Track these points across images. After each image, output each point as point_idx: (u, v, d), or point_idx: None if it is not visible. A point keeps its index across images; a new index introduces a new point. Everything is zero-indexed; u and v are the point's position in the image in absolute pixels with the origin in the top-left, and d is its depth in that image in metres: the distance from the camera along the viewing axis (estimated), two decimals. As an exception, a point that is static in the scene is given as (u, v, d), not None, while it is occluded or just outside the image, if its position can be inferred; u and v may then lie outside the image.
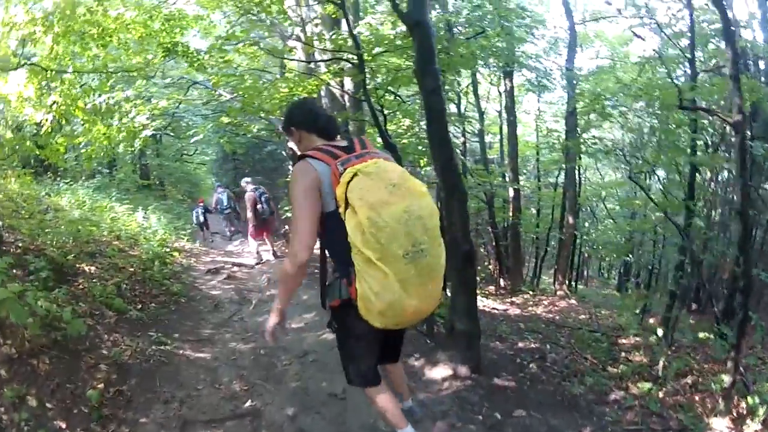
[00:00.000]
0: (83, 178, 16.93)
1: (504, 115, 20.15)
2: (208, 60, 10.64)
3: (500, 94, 20.55)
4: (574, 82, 17.21)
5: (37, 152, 8.43)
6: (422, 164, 17.19)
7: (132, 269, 8.78)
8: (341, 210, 2.77)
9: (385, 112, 8.53)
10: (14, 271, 6.32)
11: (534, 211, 23.06)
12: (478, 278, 16.95)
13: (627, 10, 15.48)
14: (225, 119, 18.77)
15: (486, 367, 5.61)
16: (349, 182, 2.73)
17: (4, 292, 4.48)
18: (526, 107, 24.86)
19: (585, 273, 29.08)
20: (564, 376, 5.79)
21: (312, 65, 11.52)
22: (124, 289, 7.53)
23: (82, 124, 9.27)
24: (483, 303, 11.97)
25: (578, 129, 15.40)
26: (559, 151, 19.60)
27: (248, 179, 13.29)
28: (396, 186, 2.76)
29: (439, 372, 5.41)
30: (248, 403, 4.91)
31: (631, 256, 19.83)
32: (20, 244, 7.36)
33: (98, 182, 18.03)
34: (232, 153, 22.68)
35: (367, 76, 7.28)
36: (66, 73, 8.21)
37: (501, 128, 21.71)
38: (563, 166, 19.18)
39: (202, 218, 18.14)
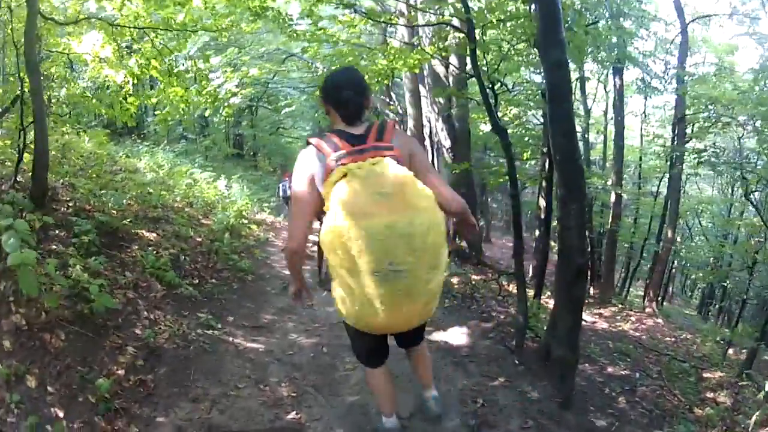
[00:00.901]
0: (165, 142, 16.63)
1: (610, 115, 19.56)
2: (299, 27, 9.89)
3: (606, 92, 19.98)
4: (687, 85, 16.07)
5: (102, 111, 7.91)
6: (525, 157, 16.29)
7: (199, 239, 8.14)
8: (325, 208, 2.64)
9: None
10: (56, 232, 5.79)
11: (631, 219, 22.01)
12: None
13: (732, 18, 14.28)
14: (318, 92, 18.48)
15: (574, 396, 4.71)
16: (336, 182, 2.57)
17: (17, 257, 3.77)
18: (630, 109, 23.63)
19: (669, 289, 27.59)
20: (653, 417, 4.91)
21: (415, 40, 10.61)
22: (182, 261, 6.86)
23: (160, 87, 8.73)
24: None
25: (687, 136, 15.06)
26: (662, 158, 19.24)
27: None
28: (385, 196, 2.49)
29: (523, 407, 4.44)
30: (292, 415, 3.99)
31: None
32: (77, 204, 6.81)
33: (183, 147, 17.74)
34: (327, 127, 22.26)
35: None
36: (131, 28, 7.62)
37: (605, 129, 21.15)
38: (666, 174, 18.43)
39: (288, 192, 17.54)
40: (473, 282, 9.50)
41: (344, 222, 2.46)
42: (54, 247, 5.45)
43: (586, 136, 18.50)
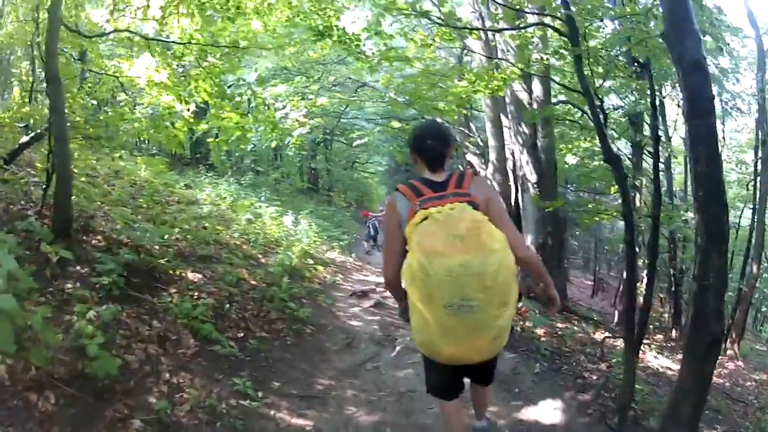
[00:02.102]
0: (229, 173, 16.11)
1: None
2: (367, 47, 9.13)
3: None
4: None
5: (145, 135, 7.28)
6: (612, 191, 15.14)
7: (254, 283, 7.28)
8: (408, 247, 2.90)
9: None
10: (77, 268, 5.09)
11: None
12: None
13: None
14: (395, 124, 17.79)
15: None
16: (417, 224, 2.85)
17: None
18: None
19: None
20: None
21: (494, 63, 9.69)
22: (226, 309, 5.94)
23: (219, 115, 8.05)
24: (654, 357, 10.38)
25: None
26: (744, 186, 18.77)
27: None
28: (460, 238, 2.75)
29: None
30: None
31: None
32: (112, 237, 6.11)
33: (251, 179, 17.20)
34: (403, 163, 22.00)
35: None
36: (164, 42, 7.00)
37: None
38: (750, 204, 17.72)
39: (373, 231, 18.03)
40: (559, 332, 8.63)
41: (422, 259, 2.73)
42: (69, 287, 4.71)
43: (668, 165, 17.18)
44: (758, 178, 14.95)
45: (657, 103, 7.51)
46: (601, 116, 5.31)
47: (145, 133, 7.29)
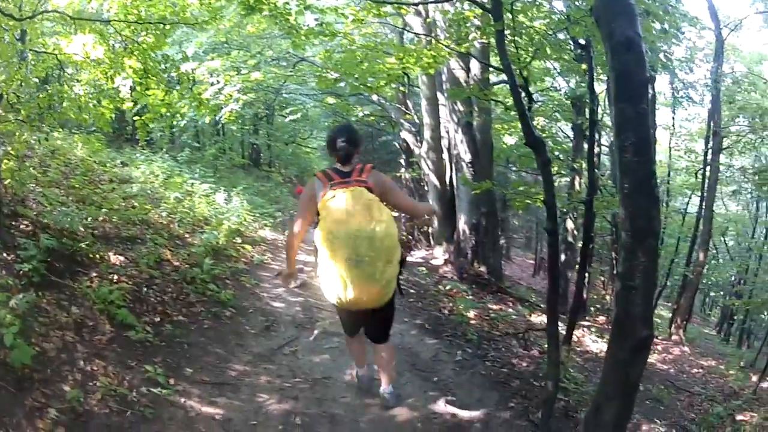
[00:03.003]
0: (164, 149, 15.90)
1: None
2: (305, 22, 9.09)
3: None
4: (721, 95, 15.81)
5: (72, 115, 7.19)
6: (554, 171, 15.40)
7: (177, 264, 7.32)
8: (319, 217, 4.00)
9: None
10: (3, 255, 5.10)
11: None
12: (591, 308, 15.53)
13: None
14: (330, 99, 17.78)
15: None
16: (328, 200, 3.92)
17: None
18: (657, 122, 23.11)
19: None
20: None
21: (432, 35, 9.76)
22: (144, 293, 5.98)
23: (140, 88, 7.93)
24: (593, 341, 10.70)
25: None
26: (692, 174, 19.78)
27: None
28: (356, 212, 3.81)
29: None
30: None
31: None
32: (41, 220, 6.13)
33: (187, 155, 17.00)
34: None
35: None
36: (98, 21, 6.93)
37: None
38: (696, 192, 18.54)
39: None
40: (491, 315, 8.67)
41: (330, 226, 3.81)
42: None
43: (612, 151, 17.51)
44: (707, 168, 15.32)
45: (595, 85, 7.56)
46: (524, 96, 5.34)
47: (71, 112, 7.16)
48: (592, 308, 16.39)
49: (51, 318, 4.65)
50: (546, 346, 7.38)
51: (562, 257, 16.57)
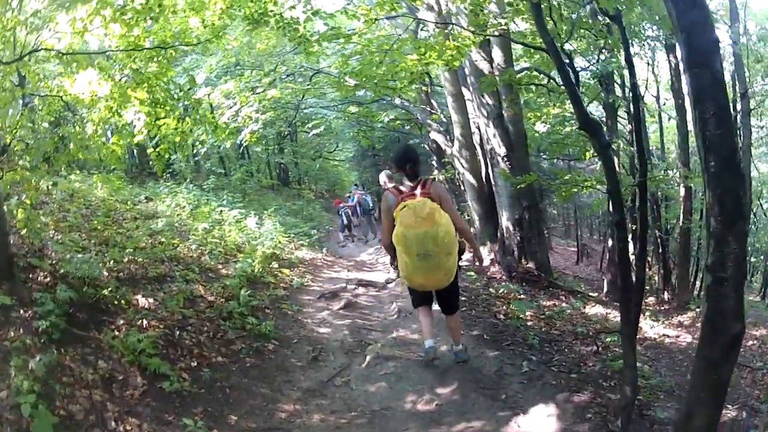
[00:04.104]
0: (188, 180, 15.55)
1: (665, 100, 19.46)
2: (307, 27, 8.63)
3: (656, 76, 19.79)
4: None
5: (81, 156, 6.78)
6: (587, 156, 14.92)
7: (211, 299, 6.86)
8: (395, 223, 5.11)
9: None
10: (20, 313, 4.64)
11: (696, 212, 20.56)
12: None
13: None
14: (352, 108, 17.30)
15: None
16: (399, 210, 5.05)
17: None
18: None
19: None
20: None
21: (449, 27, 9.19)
22: (177, 337, 5.50)
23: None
24: (650, 326, 10.14)
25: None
26: None
27: (389, 172, 10.01)
28: (423, 218, 4.91)
29: None
30: None
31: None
32: (60, 269, 5.62)
33: (212, 183, 16.65)
34: (369, 147, 21.66)
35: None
36: (91, 54, 6.50)
37: (659, 115, 20.32)
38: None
39: (347, 220, 17.95)
40: (547, 313, 8.18)
41: (402, 230, 4.97)
42: (12, 335, 4.29)
43: (641, 124, 16.86)
44: (739, 131, 14.58)
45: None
46: (572, 75, 4.79)
47: (80, 152, 6.77)
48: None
49: (76, 376, 4.23)
50: (608, 339, 6.96)
51: (609, 242, 16.00)
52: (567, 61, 4.88)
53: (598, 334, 7.05)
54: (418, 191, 5.11)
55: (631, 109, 6.22)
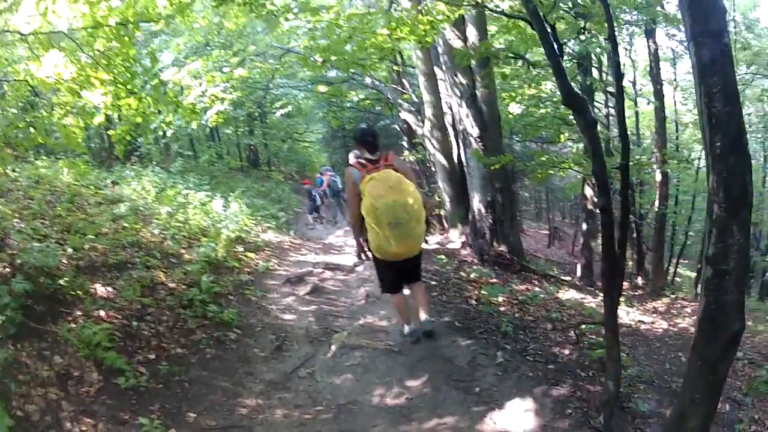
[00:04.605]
0: (154, 162, 15.23)
1: (641, 85, 19.77)
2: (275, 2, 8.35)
3: (633, 61, 20.11)
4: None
5: (40, 140, 6.51)
6: (562, 139, 14.85)
7: (173, 286, 6.64)
8: (362, 197, 5.18)
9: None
10: None
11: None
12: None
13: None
14: (321, 88, 17.00)
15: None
16: (366, 183, 5.16)
17: None
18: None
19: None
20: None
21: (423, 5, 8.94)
22: (136, 327, 5.29)
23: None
24: (626, 313, 9.77)
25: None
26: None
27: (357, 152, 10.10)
28: (391, 187, 5.08)
29: None
30: None
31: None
32: (18, 260, 5.36)
33: (180, 165, 16.31)
34: (339, 128, 21.51)
35: None
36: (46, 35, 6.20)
37: (635, 102, 20.42)
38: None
39: (319, 201, 17.67)
40: (519, 298, 8.00)
41: (372, 201, 5.05)
42: None
43: (621, 109, 16.86)
44: None
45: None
46: (556, 47, 4.54)
47: (39, 137, 6.49)
48: None
49: (32, 374, 4.06)
50: (584, 327, 6.86)
51: (584, 226, 16.00)
52: (550, 31, 4.65)
53: (579, 325, 6.91)
54: (381, 164, 5.30)
55: (614, 88, 6.05)
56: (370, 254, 5.67)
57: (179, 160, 17.04)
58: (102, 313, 5.22)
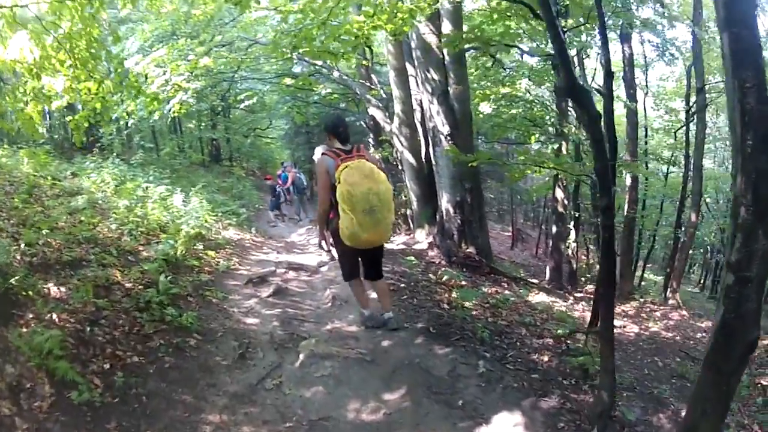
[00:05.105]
0: (114, 154, 14.77)
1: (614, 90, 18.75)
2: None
3: (601, 65, 18.77)
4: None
5: None
6: (532, 140, 14.85)
7: (129, 285, 6.24)
8: (336, 184, 5.32)
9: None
10: None
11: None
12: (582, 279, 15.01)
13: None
14: (287, 80, 16.61)
15: None
16: (341, 171, 5.29)
17: None
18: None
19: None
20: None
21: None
22: (89, 333, 4.89)
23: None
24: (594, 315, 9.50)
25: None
26: (671, 134, 19.53)
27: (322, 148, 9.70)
28: (366, 176, 5.28)
29: None
30: None
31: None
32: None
33: (140, 158, 15.87)
34: (303, 124, 21.22)
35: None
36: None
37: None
38: (679, 153, 18.56)
39: (282, 197, 17.86)
40: (491, 301, 7.90)
41: (348, 188, 5.20)
42: None
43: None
44: (691, 126, 15.38)
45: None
46: (561, 32, 4.30)
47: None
48: (582, 279, 15.89)
49: None
50: (558, 331, 6.72)
51: (553, 228, 15.92)
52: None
53: (571, 335, 6.73)
54: (354, 154, 5.51)
55: (603, 87, 5.84)
56: (333, 249, 6.02)
57: (140, 152, 16.57)
58: (54, 316, 4.83)
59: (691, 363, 7.61)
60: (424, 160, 11.57)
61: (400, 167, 13.87)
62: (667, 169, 21.44)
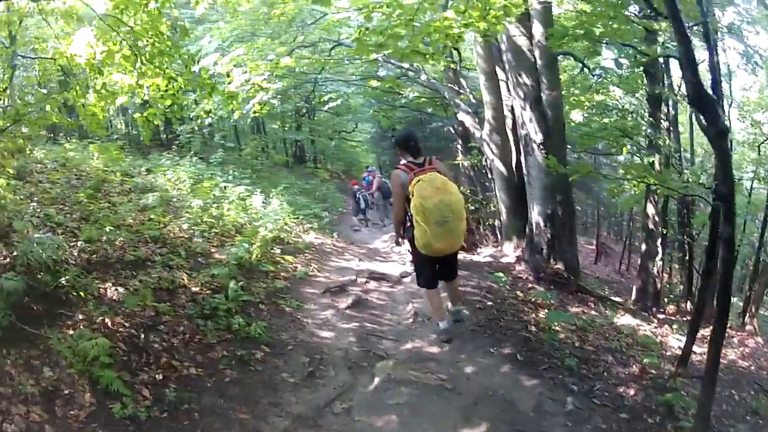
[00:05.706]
0: (192, 152, 14.77)
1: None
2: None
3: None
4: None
5: (54, 119, 5.97)
6: (624, 151, 14.12)
7: (196, 289, 5.94)
8: (411, 197, 5.59)
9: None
10: None
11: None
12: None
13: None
14: (372, 83, 16.26)
15: None
16: (414, 184, 5.57)
17: None
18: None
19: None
20: None
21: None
22: (144, 340, 4.57)
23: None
24: (677, 341, 8.67)
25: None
26: (754, 148, 17.58)
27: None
28: (437, 188, 5.52)
29: None
30: None
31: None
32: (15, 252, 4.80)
33: (220, 157, 15.87)
34: (389, 128, 21.08)
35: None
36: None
37: (691, 117, 18.26)
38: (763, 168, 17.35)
39: (363, 204, 17.36)
40: (577, 322, 7.26)
41: (420, 201, 5.46)
42: None
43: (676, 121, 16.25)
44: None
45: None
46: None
47: (54, 117, 5.92)
48: (665, 299, 14.98)
49: (15, 387, 3.43)
50: (645, 360, 6.17)
51: (643, 247, 15.05)
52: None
53: (673, 377, 6.07)
54: (426, 167, 5.76)
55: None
56: (407, 243, 6.24)
57: (220, 151, 16.57)
58: (107, 319, 4.53)
59: (765, 397, 6.97)
60: (514, 169, 10.97)
61: (489, 175, 13.28)
62: (751, 185, 20.15)
